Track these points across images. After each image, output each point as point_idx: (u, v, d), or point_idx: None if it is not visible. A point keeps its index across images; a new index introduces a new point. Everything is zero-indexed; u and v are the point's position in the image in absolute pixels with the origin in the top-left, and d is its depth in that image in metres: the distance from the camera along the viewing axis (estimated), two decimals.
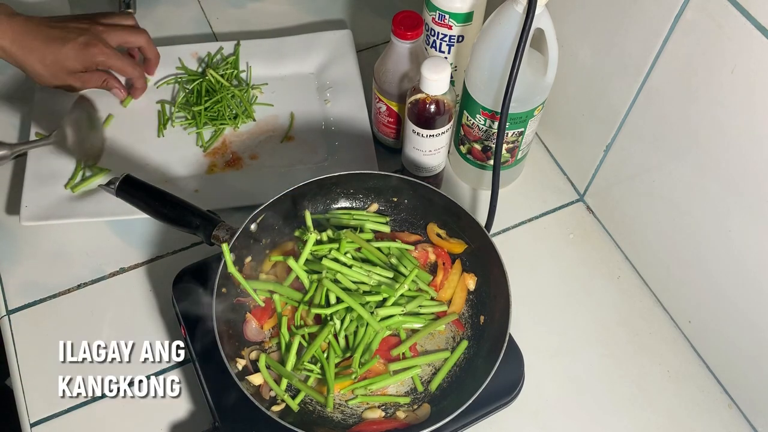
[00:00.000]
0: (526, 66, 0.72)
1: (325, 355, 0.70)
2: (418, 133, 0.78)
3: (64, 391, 0.74)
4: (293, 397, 0.68)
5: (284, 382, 0.69)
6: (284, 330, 0.71)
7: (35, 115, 0.90)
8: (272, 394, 0.69)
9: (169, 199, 0.74)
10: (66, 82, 0.87)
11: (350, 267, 0.72)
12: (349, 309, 0.70)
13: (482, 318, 0.74)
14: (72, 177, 0.86)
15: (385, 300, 0.72)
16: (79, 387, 0.74)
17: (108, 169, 0.87)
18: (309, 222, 0.75)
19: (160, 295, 0.81)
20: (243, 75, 0.96)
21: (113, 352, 0.77)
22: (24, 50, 0.82)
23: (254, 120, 0.93)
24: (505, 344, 0.66)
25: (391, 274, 0.74)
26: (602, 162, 0.83)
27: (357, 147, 0.89)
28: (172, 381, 0.75)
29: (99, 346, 0.77)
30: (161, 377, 0.76)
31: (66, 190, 0.85)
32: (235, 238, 0.71)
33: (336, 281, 0.71)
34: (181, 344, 0.76)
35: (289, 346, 0.70)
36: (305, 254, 0.72)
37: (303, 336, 0.71)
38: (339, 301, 0.71)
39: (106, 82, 0.90)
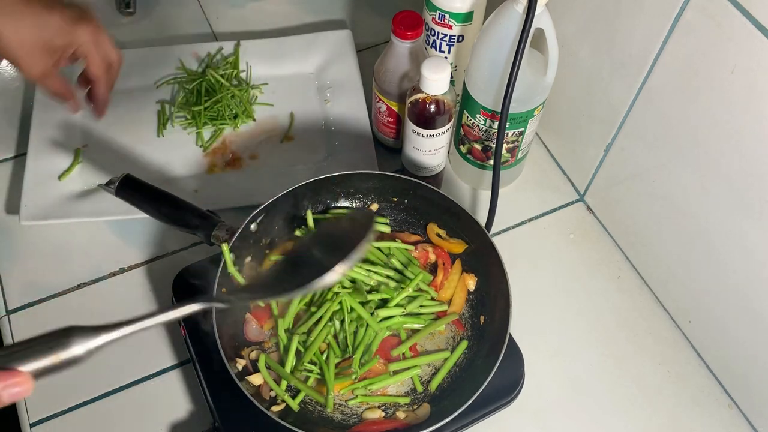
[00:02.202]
0: (526, 66, 0.72)
1: (325, 356, 0.70)
2: (418, 133, 0.78)
3: (64, 391, 0.74)
4: (293, 397, 0.68)
5: (284, 382, 0.69)
6: (281, 332, 0.71)
7: (35, 127, 0.89)
8: (272, 394, 0.69)
9: (169, 199, 0.74)
10: (36, 64, 0.71)
11: None
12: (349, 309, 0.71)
13: (482, 318, 0.74)
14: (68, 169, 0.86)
15: (385, 300, 0.72)
16: (79, 387, 0.74)
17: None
18: (311, 222, 0.75)
19: (160, 295, 0.81)
20: (243, 75, 0.96)
21: (113, 353, 0.77)
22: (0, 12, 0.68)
23: (254, 120, 0.93)
24: (505, 344, 0.66)
25: (391, 273, 0.74)
26: (602, 162, 0.83)
27: (357, 147, 0.89)
28: (172, 381, 0.76)
29: (99, 345, 0.77)
30: (161, 377, 0.76)
31: (66, 190, 0.84)
32: (235, 238, 0.71)
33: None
34: (181, 344, 0.76)
35: (287, 348, 0.70)
36: None
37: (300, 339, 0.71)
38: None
39: (66, 92, 0.77)
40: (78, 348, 0.47)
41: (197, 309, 0.53)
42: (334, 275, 0.54)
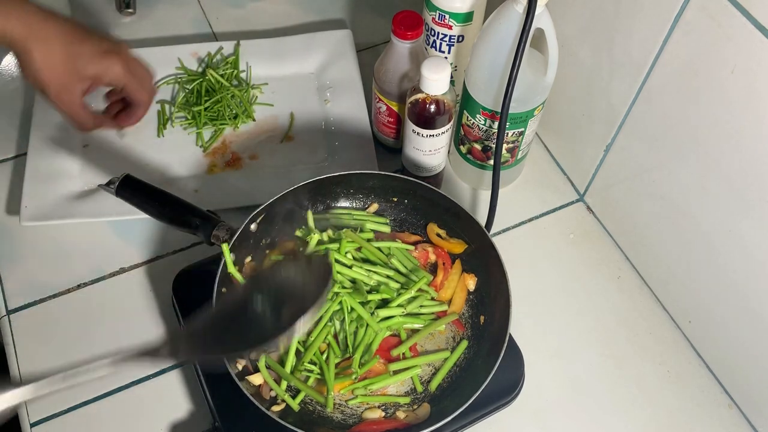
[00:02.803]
0: (526, 66, 0.72)
1: (325, 356, 0.70)
2: (418, 133, 0.78)
3: (64, 390, 0.74)
4: (293, 397, 0.68)
5: (284, 382, 0.69)
6: None
7: (35, 127, 0.89)
8: (272, 394, 0.69)
9: (169, 199, 0.74)
10: (64, 91, 0.73)
11: (350, 267, 0.72)
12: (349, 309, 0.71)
13: (482, 318, 0.74)
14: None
15: (385, 300, 0.72)
16: (79, 387, 0.74)
17: None
18: (311, 222, 0.75)
19: (160, 295, 0.81)
20: (243, 75, 0.96)
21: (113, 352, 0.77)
22: (33, 37, 0.69)
23: (254, 120, 0.93)
24: (505, 344, 0.66)
25: (391, 273, 0.74)
26: (602, 162, 0.83)
27: (357, 147, 0.89)
28: (172, 381, 0.76)
29: (99, 346, 0.77)
30: (161, 377, 0.76)
31: (66, 190, 0.84)
32: (235, 238, 0.71)
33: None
34: None
35: (287, 348, 0.70)
36: None
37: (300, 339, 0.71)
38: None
39: (90, 124, 0.78)
40: None
41: (136, 361, 0.49)
42: (293, 332, 0.52)
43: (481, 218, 0.77)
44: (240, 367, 0.69)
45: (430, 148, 0.80)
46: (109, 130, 0.79)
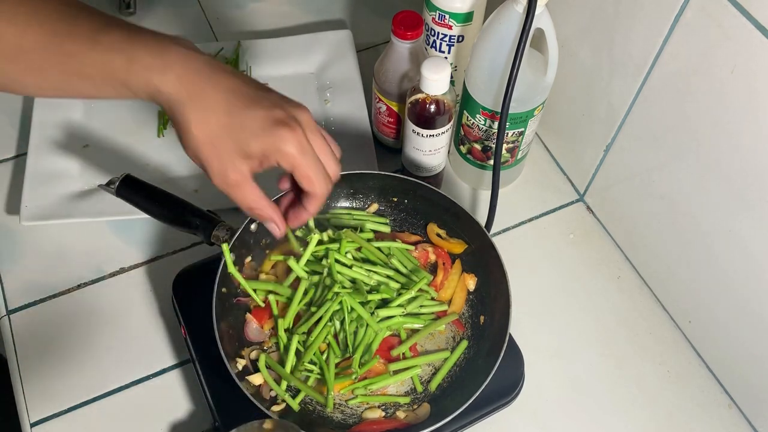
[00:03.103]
0: (526, 66, 0.72)
1: (325, 356, 0.70)
2: (418, 133, 0.78)
3: (64, 391, 0.74)
4: (293, 397, 0.68)
5: (284, 382, 0.69)
6: (281, 332, 0.71)
7: (35, 127, 0.89)
8: (272, 394, 0.69)
9: (169, 199, 0.74)
10: (230, 170, 0.56)
11: (350, 267, 0.72)
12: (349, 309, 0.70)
13: (482, 318, 0.74)
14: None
15: (385, 300, 0.72)
16: (78, 387, 0.74)
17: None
18: (311, 222, 0.75)
19: (160, 295, 0.81)
20: None
21: (113, 352, 0.77)
22: (190, 97, 0.54)
23: None
24: (505, 344, 0.66)
25: (391, 273, 0.74)
26: (602, 162, 0.83)
27: (357, 147, 0.89)
28: (172, 381, 0.76)
29: (99, 346, 0.77)
30: (161, 377, 0.76)
31: (66, 190, 0.84)
32: (235, 238, 0.71)
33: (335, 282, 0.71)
34: (181, 344, 0.76)
35: (287, 348, 0.70)
36: (307, 255, 0.72)
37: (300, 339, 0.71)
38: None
39: (261, 209, 0.60)
40: None
41: None
42: None
43: (481, 218, 0.77)
44: (240, 367, 0.69)
45: (430, 148, 0.80)
46: (277, 229, 0.63)
